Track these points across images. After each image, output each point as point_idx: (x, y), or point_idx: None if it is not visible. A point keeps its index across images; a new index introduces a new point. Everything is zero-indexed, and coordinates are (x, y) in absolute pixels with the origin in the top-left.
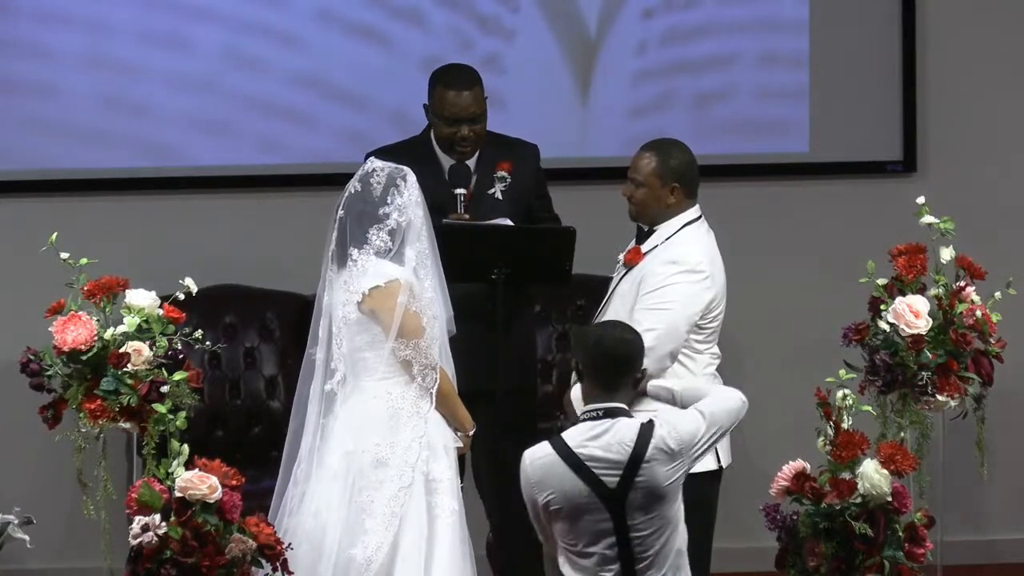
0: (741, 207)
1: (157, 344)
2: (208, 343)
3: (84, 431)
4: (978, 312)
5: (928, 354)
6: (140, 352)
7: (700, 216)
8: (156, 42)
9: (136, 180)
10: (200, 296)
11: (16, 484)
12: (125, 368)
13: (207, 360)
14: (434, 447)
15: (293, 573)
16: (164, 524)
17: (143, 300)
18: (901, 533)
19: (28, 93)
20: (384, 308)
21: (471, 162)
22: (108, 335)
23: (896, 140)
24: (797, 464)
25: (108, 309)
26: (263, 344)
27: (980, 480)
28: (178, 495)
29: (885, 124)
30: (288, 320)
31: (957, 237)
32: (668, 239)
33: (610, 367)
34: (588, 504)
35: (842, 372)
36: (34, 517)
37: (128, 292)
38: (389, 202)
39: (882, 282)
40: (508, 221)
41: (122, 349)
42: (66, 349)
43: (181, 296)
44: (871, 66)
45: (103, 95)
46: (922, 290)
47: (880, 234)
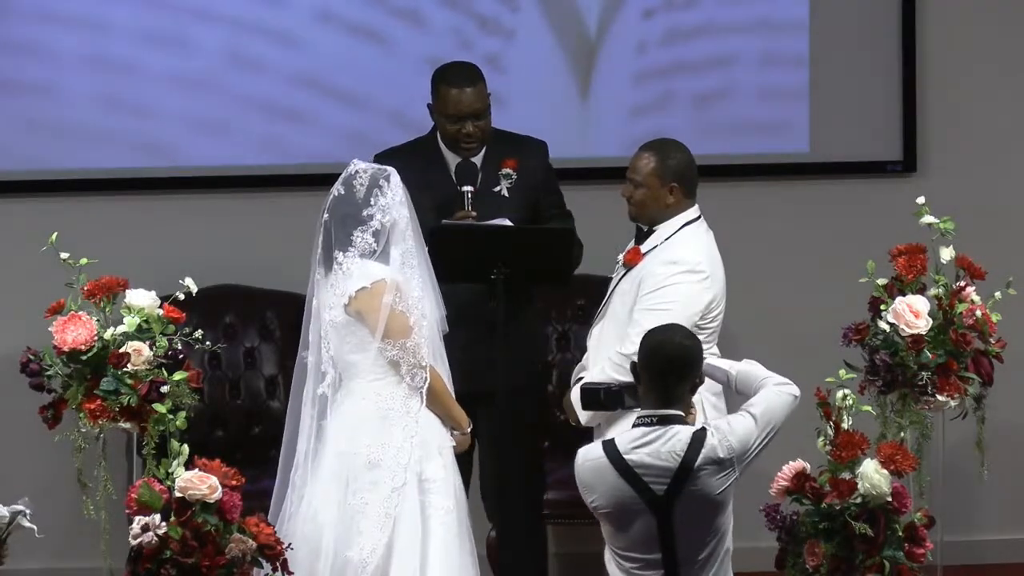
0: (741, 207)
1: (157, 344)
2: (208, 343)
3: (84, 431)
4: (978, 312)
5: (928, 354)
6: (140, 352)
7: (700, 216)
8: (156, 42)
9: (136, 180)
10: (200, 296)
11: (16, 484)
12: (125, 368)
13: (207, 360)
14: (427, 447)
15: (293, 573)
16: (164, 524)
17: (143, 300)
18: (901, 533)
19: (28, 93)
20: (370, 309)
21: (478, 159)
22: (108, 335)
23: (896, 140)
24: (797, 464)
25: (108, 309)
26: (263, 344)
27: (980, 480)
28: (178, 495)
29: (885, 124)
30: (288, 320)
31: (957, 237)
32: (668, 239)
33: (668, 373)
34: (635, 509)
35: (842, 372)
36: (33, 517)
37: (128, 292)
38: (372, 203)
39: (882, 282)
40: (508, 221)
41: (122, 349)
42: (66, 349)
43: (181, 296)
44: (871, 66)
45: (103, 95)
46: (922, 290)
47: (880, 234)
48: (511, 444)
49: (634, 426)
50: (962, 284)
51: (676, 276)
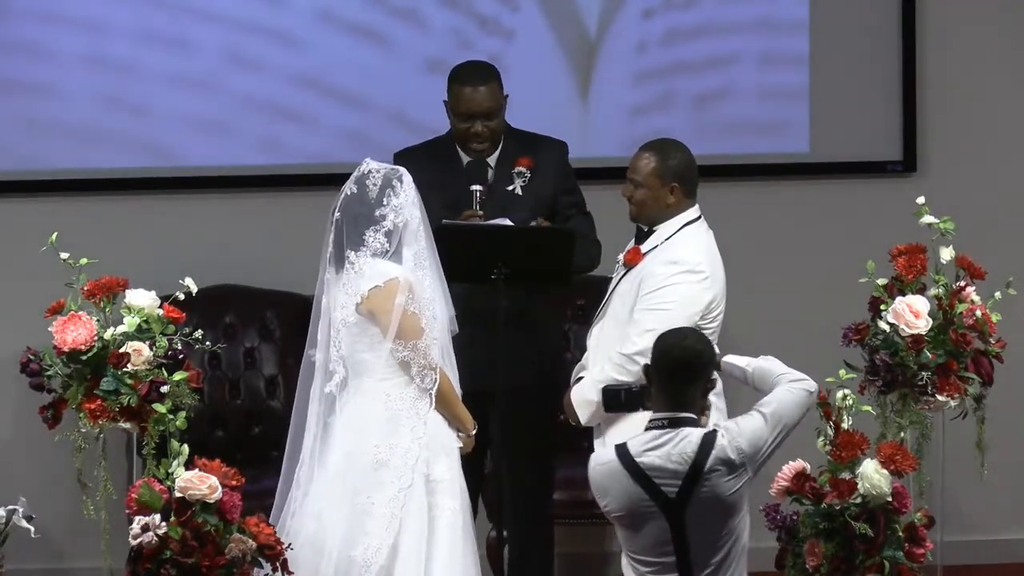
0: (741, 207)
1: (157, 344)
2: (208, 343)
3: (84, 431)
4: (978, 312)
5: (928, 354)
6: (140, 352)
7: (700, 216)
8: (156, 42)
9: (136, 180)
10: (200, 296)
11: (16, 484)
12: (125, 368)
13: (207, 360)
14: (434, 448)
15: (293, 573)
16: (164, 524)
17: (143, 300)
18: (901, 533)
19: (28, 93)
20: (382, 309)
21: (493, 158)
22: (108, 335)
23: (896, 140)
24: (797, 464)
25: (108, 309)
26: (263, 344)
27: (980, 480)
28: (178, 495)
29: (885, 124)
30: (288, 320)
31: (957, 237)
32: (668, 239)
33: (679, 376)
34: (647, 512)
35: (842, 372)
36: (34, 517)
37: (128, 292)
38: (385, 203)
39: (882, 282)
40: (508, 221)
41: (122, 349)
42: (66, 349)
43: (181, 296)
44: (871, 66)
45: (103, 95)
46: (922, 290)
47: (880, 234)
48: (520, 444)
49: (646, 429)
50: (962, 284)
51: (676, 276)
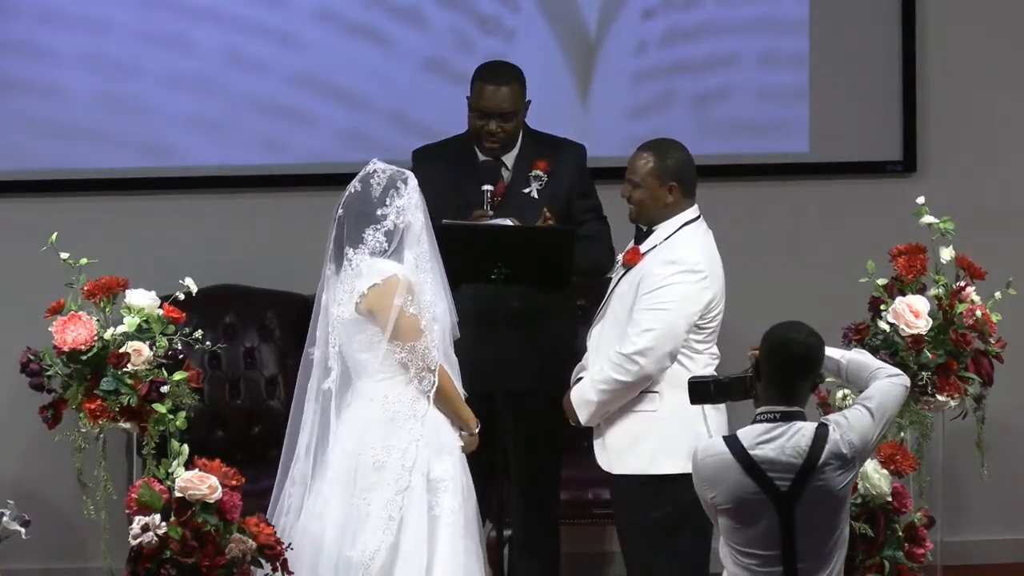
0: (741, 207)
1: (157, 344)
2: (208, 343)
3: (84, 431)
4: (978, 312)
5: (928, 354)
6: (140, 352)
7: (699, 216)
8: (156, 42)
9: (136, 180)
10: (200, 296)
11: (16, 484)
12: (125, 368)
13: (207, 360)
14: (436, 447)
15: (293, 573)
16: (164, 524)
17: (143, 300)
18: (901, 533)
19: (28, 93)
20: (381, 307)
21: (510, 159)
22: (108, 335)
23: (896, 140)
24: None
25: (108, 309)
26: (263, 344)
27: (980, 480)
28: (178, 495)
29: (885, 124)
30: (288, 320)
31: (957, 237)
32: (667, 239)
33: (792, 371)
34: (757, 505)
35: None
36: (33, 517)
37: (128, 292)
38: (388, 203)
39: (882, 282)
40: (508, 221)
41: (122, 349)
42: (66, 349)
43: (181, 296)
44: (871, 66)
45: (103, 95)
46: (922, 290)
47: (880, 234)
48: (530, 444)
49: (754, 421)
50: (962, 284)
51: (675, 276)
